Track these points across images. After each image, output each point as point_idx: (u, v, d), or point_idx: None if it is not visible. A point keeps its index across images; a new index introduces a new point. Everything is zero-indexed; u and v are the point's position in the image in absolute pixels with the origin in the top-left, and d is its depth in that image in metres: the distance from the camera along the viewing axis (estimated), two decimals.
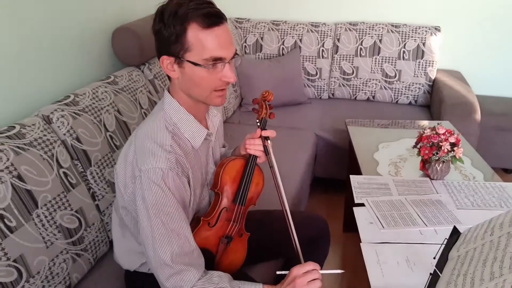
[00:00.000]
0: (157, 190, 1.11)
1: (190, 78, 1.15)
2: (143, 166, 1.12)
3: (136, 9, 2.32)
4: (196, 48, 1.11)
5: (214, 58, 1.12)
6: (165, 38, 1.12)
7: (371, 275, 1.26)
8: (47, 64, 1.71)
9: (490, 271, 0.93)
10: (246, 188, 1.34)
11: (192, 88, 1.18)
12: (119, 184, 1.24)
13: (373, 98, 3.16)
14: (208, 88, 1.17)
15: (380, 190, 1.68)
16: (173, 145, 1.16)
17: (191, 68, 1.13)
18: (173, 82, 1.21)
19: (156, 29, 1.14)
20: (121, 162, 1.22)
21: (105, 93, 1.75)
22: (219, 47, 1.12)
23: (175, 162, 1.15)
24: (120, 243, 1.37)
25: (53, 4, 1.72)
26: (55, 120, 1.50)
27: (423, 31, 3.02)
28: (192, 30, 1.10)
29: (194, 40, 1.10)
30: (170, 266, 1.13)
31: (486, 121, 2.81)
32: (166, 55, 1.14)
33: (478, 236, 1.10)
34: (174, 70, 1.16)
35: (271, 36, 3.20)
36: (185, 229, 1.17)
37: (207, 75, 1.14)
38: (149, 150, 1.13)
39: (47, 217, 1.35)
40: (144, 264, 1.34)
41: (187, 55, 1.12)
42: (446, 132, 1.69)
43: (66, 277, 1.40)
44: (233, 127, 2.81)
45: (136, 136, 1.20)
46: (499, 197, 1.63)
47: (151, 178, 1.11)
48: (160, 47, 1.16)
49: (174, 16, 1.09)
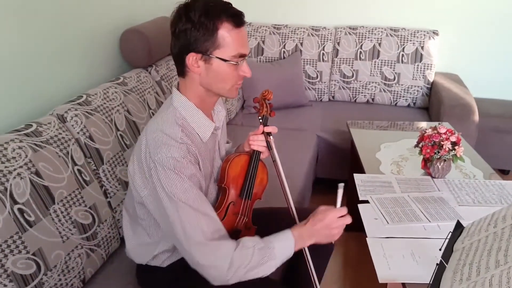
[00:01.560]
0: (174, 176, 1.16)
1: (216, 73, 1.22)
2: (157, 157, 1.17)
3: (143, 12, 2.36)
4: (226, 46, 1.19)
5: (240, 55, 1.22)
6: (194, 37, 1.18)
7: (378, 267, 1.30)
8: (58, 65, 1.75)
9: (495, 260, 0.97)
10: (251, 182, 1.40)
11: (215, 83, 1.25)
12: (135, 183, 1.27)
13: (372, 100, 3.22)
14: (230, 82, 1.25)
15: (383, 188, 1.73)
16: (183, 137, 1.22)
17: (219, 64, 1.21)
18: (190, 77, 1.26)
19: (183, 29, 1.19)
20: (134, 160, 1.26)
21: (115, 94, 1.79)
22: (244, 45, 1.22)
23: (187, 151, 1.20)
24: (131, 239, 1.40)
25: (64, 8, 1.76)
26: (69, 119, 1.54)
27: (421, 35, 3.08)
28: (224, 29, 1.18)
29: (224, 38, 1.19)
30: (204, 244, 1.17)
31: (484, 123, 2.88)
32: (194, 52, 1.20)
33: (482, 229, 1.15)
34: (198, 66, 1.22)
35: (272, 40, 3.26)
36: (209, 208, 1.23)
37: (232, 71, 1.23)
38: (161, 141, 1.18)
39: (63, 212, 1.39)
40: (156, 257, 1.37)
41: (216, 52, 1.20)
42: (447, 131, 1.74)
43: (81, 271, 1.44)
44: (236, 128, 2.86)
45: (146, 132, 1.24)
46: (499, 194, 1.68)
47: (166, 166, 1.16)
48: (186, 45, 1.21)
49: (206, 16, 1.17)
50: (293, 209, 1.42)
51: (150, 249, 1.37)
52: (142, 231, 1.37)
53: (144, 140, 1.23)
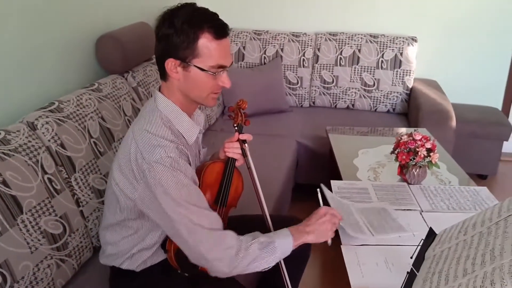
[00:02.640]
0: (173, 174, 1.17)
1: (193, 81, 1.24)
2: (152, 158, 1.17)
3: (119, 18, 2.34)
4: (205, 56, 1.20)
5: (219, 66, 1.22)
6: (175, 43, 1.19)
7: (351, 275, 1.30)
8: (31, 71, 1.72)
9: (463, 268, 0.98)
10: (226, 190, 1.40)
11: (192, 90, 1.26)
12: (120, 186, 1.26)
13: (352, 106, 3.23)
14: (207, 91, 1.26)
15: (359, 195, 1.73)
16: (173, 138, 1.23)
17: (196, 73, 1.22)
18: (170, 82, 1.27)
19: (165, 34, 1.20)
20: (121, 164, 1.25)
21: (89, 100, 1.76)
22: (225, 56, 1.23)
23: (180, 151, 1.22)
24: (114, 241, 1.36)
25: (37, 12, 1.73)
26: (39, 126, 1.51)
27: (400, 41, 3.11)
28: (204, 39, 1.19)
29: (204, 48, 1.19)
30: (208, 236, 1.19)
31: (461, 129, 2.91)
32: (173, 58, 1.21)
33: (453, 236, 1.15)
34: (177, 72, 1.23)
35: (253, 46, 3.26)
36: (206, 203, 1.24)
37: (209, 80, 1.24)
38: (154, 143, 1.19)
39: (32, 222, 1.35)
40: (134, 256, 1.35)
41: (194, 60, 1.21)
42: (423, 138, 1.76)
43: (50, 282, 1.40)
44: (216, 134, 2.84)
45: (134, 135, 1.23)
46: (473, 201, 1.69)
47: (164, 165, 1.16)
48: (167, 50, 1.22)
49: (188, 24, 1.18)
50: (268, 217, 1.42)
51: (128, 247, 1.34)
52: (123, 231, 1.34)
53: (134, 144, 1.22)
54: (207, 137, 2.81)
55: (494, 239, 0.99)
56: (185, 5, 1.23)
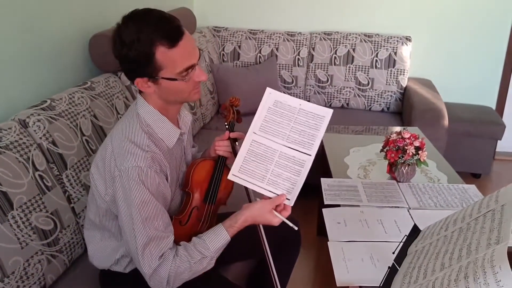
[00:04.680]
0: (136, 187, 1.16)
1: (167, 90, 1.23)
2: (122, 166, 1.17)
3: (113, 16, 2.34)
4: (168, 66, 1.17)
5: (187, 68, 1.19)
6: (134, 62, 1.17)
7: (336, 271, 1.32)
8: (24, 69, 1.74)
9: (441, 263, 0.99)
10: (215, 188, 1.41)
11: (170, 96, 1.26)
12: (98, 187, 1.28)
13: (347, 105, 3.25)
14: (186, 92, 1.25)
15: (349, 192, 1.75)
16: (149, 145, 1.22)
17: (167, 83, 1.20)
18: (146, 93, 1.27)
19: (123, 54, 1.17)
20: (97, 165, 1.27)
21: (82, 99, 1.78)
22: (188, 57, 1.19)
23: (153, 160, 1.20)
24: (96, 245, 1.39)
25: (31, 10, 1.75)
26: (31, 124, 1.53)
27: (394, 40, 3.13)
28: (160, 52, 1.15)
29: (164, 59, 1.16)
30: (149, 258, 1.18)
31: (455, 127, 2.93)
32: (139, 77, 1.20)
33: (435, 232, 1.17)
34: (149, 86, 1.22)
35: (248, 45, 3.28)
36: (163, 224, 1.22)
37: (183, 84, 1.22)
38: (127, 150, 1.19)
39: (22, 218, 1.37)
40: (118, 261, 1.37)
41: (161, 73, 1.18)
42: (411, 136, 1.77)
43: (41, 277, 1.43)
44: (211, 133, 2.86)
45: (111, 138, 1.25)
46: (461, 198, 1.71)
47: (130, 176, 1.16)
48: (130, 70, 1.21)
49: (138, 41, 1.14)
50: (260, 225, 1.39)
51: (112, 253, 1.36)
52: (104, 233, 1.36)
53: (110, 147, 1.23)
54: (201, 135, 2.83)
55: (472, 234, 1.01)
56: (129, 18, 1.17)
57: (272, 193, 1.25)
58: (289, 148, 1.26)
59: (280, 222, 1.25)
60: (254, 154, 1.27)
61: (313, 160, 1.26)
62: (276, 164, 1.25)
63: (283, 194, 1.24)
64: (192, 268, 1.21)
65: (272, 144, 1.27)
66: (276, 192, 1.25)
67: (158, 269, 1.18)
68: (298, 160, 1.25)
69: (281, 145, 1.26)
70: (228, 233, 1.25)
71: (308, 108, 1.27)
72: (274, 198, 1.25)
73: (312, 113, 1.26)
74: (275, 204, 1.25)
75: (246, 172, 1.26)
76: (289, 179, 1.25)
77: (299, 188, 1.25)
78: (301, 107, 1.27)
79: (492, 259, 0.85)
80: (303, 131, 1.26)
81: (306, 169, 1.25)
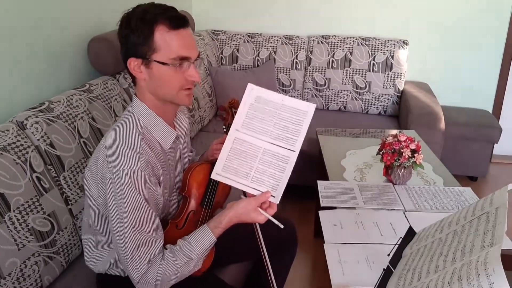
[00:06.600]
0: (127, 191, 1.16)
1: (158, 77, 1.22)
2: (115, 168, 1.17)
3: (112, 19, 2.35)
4: (163, 49, 1.19)
5: (181, 57, 1.20)
6: (132, 42, 1.20)
7: (332, 273, 1.33)
8: (22, 71, 1.74)
9: (435, 265, 1.00)
10: (212, 192, 1.41)
11: (159, 88, 1.24)
12: (91, 190, 1.28)
13: (344, 108, 3.26)
14: (175, 87, 1.23)
15: (345, 195, 1.76)
16: (143, 147, 1.21)
17: (159, 68, 1.20)
18: (139, 85, 1.27)
19: (123, 35, 1.21)
20: (91, 167, 1.27)
21: (80, 101, 1.79)
22: (185, 47, 1.20)
23: (145, 163, 1.20)
24: (92, 248, 1.40)
25: (30, 12, 1.76)
26: (29, 126, 1.53)
27: (391, 44, 3.14)
28: (160, 32, 1.18)
29: (161, 41, 1.18)
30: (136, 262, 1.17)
31: (452, 131, 2.95)
32: (133, 57, 1.21)
33: (430, 235, 1.18)
34: (141, 71, 1.23)
35: (246, 48, 3.29)
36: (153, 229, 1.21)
37: (173, 74, 1.21)
38: (120, 152, 1.18)
39: (19, 220, 1.38)
40: (115, 265, 1.37)
41: (154, 55, 1.19)
42: (407, 139, 1.78)
43: (38, 279, 1.43)
44: (209, 135, 2.87)
45: (106, 140, 1.25)
46: (456, 201, 1.72)
47: (122, 180, 1.16)
48: (127, 51, 1.23)
49: (142, 20, 1.18)
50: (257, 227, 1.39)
51: (108, 258, 1.37)
52: (99, 238, 1.37)
53: (103, 148, 1.23)
54: (200, 138, 2.84)
55: (466, 237, 1.02)
56: (141, 4, 1.23)
57: (257, 190, 1.24)
58: (273, 145, 1.23)
59: (265, 220, 1.23)
60: (237, 151, 1.24)
61: (297, 156, 1.24)
62: (260, 161, 1.23)
63: (268, 191, 1.23)
64: (179, 271, 1.21)
65: (255, 141, 1.24)
66: (261, 189, 1.24)
67: (145, 275, 1.18)
68: (282, 157, 1.23)
69: (264, 142, 1.23)
70: (213, 234, 1.24)
71: (291, 103, 1.24)
72: (258, 196, 1.23)
73: (295, 108, 1.23)
74: (260, 202, 1.23)
75: (230, 171, 1.24)
76: (274, 176, 1.23)
77: (284, 185, 1.24)
78: (283, 102, 1.24)
79: (486, 262, 0.86)
80: (286, 127, 1.23)
81: (290, 166, 1.23)
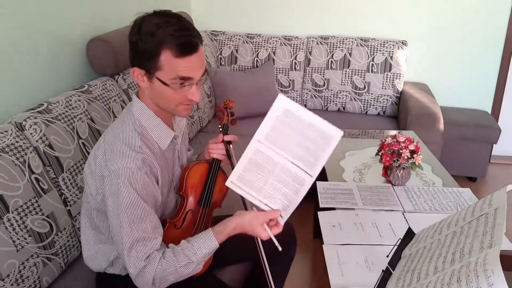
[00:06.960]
0: (124, 189, 1.16)
1: (158, 92, 1.22)
2: (112, 166, 1.18)
3: (111, 20, 2.36)
4: (166, 69, 1.17)
5: (182, 78, 1.18)
6: (139, 52, 1.18)
7: (331, 274, 1.33)
8: (21, 72, 1.74)
9: (434, 266, 1.00)
10: (210, 191, 1.41)
11: (159, 100, 1.25)
12: (90, 187, 1.29)
13: (343, 109, 3.26)
14: (174, 103, 1.24)
15: (344, 196, 1.76)
16: (141, 146, 1.22)
17: (160, 85, 1.20)
18: (142, 88, 1.27)
19: (133, 41, 1.19)
20: (90, 164, 1.28)
21: (78, 102, 1.79)
22: (189, 70, 1.18)
23: (143, 162, 1.21)
24: (91, 246, 1.40)
25: (29, 13, 1.76)
26: (27, 127, 1.53)
27: (390, 45, 3.14)
28: (166, 55, 1.15)
29: (166, 62, 1.16)
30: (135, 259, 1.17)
31: (451, 131, 2.95)
32: (138, 67, 1.20)
33: (429, 236, 1.18)
34: (143, 81, 1.22)
35: (245, 49, 3.29)
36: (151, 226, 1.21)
37: (173, 93, 1.20)
38: (118, 150, 1.19)
39: (18, 221, 1.38)
40: (114, 263, 1.37)
41: (157, 73, 1.18)
42: (406, 140, 1.78)
43: (36, 280, 1.43)
44: (208, 136, 2.86)
45: (105, 138, 1.26)
46: (455, 202, 1.72)
47: (119, 178, 1.17)
48: (133, 58, 1.22)
49: (151, 36, 1.14)
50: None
51: (106, 255, 1.37)
52: (98, 235, 1.37)
53: (102, 146, 1.24)
54: (199, 138, 2.83)
55: (465, 238, 1.02)
56: (158, 13, 1.19)
57: (268, 206, 1.22)
58: (292, 164, 1.19)
59: (268, 238, 1.22)
60: (256, 163, 1.21)
61: (312, 182, 1.20)
62: (276, 177, 1.21)
63: (278, 209, 1.21)
64: (178, 271, 1.21)
65: (275, 156, 1.19)
66: (272, 206, 1.22)
67: (143, 270, 1.18)
68: (298, 178, 1.19)
69: (284, 159, 1.19)
70: (217, 239, 1.24)
71: (318, 124, 1.18)
72: (268, 212, 1.21)
73: (321, 130, 1.19)
74: (269, 218, 1.21)
75: (244, 181, 1.22)
76: (287, 196, 1.21)
77: (294, 207, 1.21)
78: (311, 121, 1.19)
79: (485, 263, 0.86)
80: (309, 148, 1.18)
81: (305, 189, 1.19)
